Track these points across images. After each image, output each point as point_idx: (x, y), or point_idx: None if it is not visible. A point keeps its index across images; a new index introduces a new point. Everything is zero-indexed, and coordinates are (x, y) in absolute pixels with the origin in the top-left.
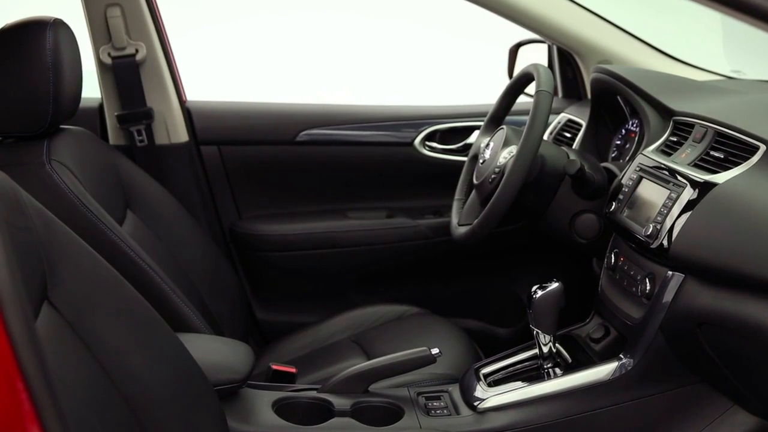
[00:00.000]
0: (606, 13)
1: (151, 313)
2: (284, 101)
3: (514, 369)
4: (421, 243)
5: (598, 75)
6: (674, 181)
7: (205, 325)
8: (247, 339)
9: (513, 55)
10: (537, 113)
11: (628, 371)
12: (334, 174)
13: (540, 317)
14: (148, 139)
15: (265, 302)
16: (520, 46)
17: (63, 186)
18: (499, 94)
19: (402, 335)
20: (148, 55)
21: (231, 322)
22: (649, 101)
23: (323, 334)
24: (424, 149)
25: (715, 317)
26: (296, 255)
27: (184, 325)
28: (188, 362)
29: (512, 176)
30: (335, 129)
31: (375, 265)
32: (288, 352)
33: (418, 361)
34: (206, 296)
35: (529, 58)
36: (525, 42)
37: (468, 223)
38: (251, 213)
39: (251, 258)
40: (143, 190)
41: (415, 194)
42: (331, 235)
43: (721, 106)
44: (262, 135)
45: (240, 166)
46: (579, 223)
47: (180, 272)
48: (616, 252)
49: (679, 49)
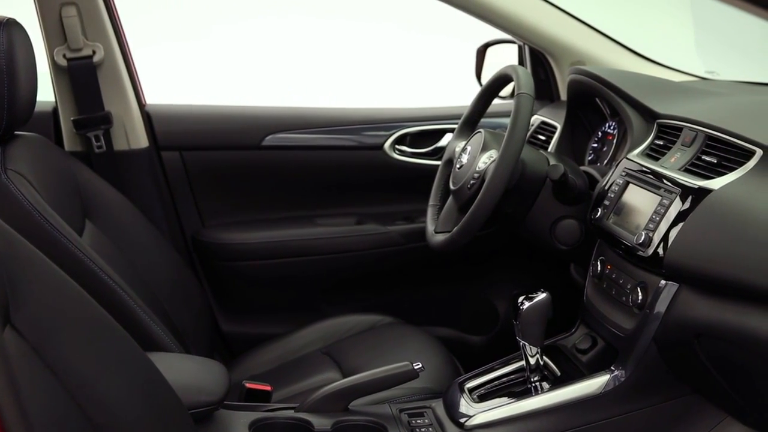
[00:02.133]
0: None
1: (121, 334)
2: (249, 104)
3: (500, 383)
4: (392, 250)
5: (576, 76)
6: (665, 187)
7: (174, 342)
8: (213, 353)
9: (481, 55)
10: (518, 117)
11: (620, 384)
12: (301, 180)
13: (527, 329)
14: (107, 144)
15: (230, 314)
16: (488, 47)
17: (20, 197)
18: (474, 97)
19: (376, 347)
20: (106, 57)
21: (195, 336)
22: (631, 103)
23: (293, 346)
24: (394, 153)
25: (714, 329)
26: (263, 264)
27: (152, 344)
28: (161, 385)
29: (494, 182)
30: (302, 133)
31: (345, 274)
32: (256, 366)
33: (401, 377)
34: (170, 309)
35: (498, 58)
36: (493, 42)
37: (446, 231)
38: (215, 221)
39: (215, 268)
40: (102, 199)
41: (386, 199)
42: (298, 243)
43: (705, 108)
44: (226, 139)
45: (203, 172)
46: (560, 229)
47: (143, 285)
48: (602, 260)
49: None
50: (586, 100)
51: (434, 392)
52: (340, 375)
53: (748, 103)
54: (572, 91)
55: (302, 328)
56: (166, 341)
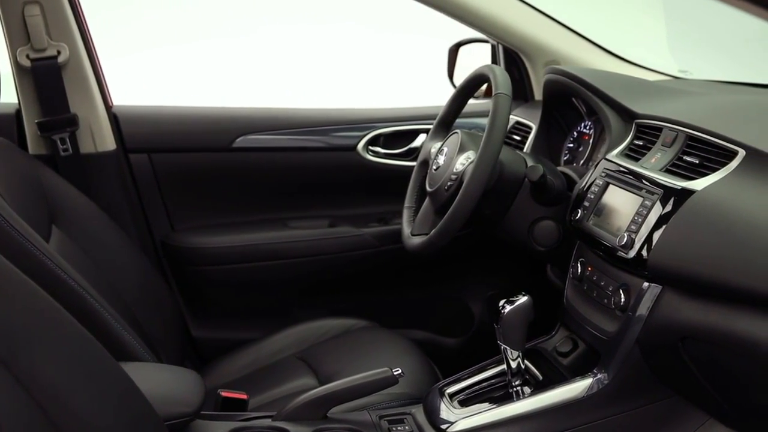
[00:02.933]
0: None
1: (92, 344)
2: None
3: (481, 388)
4: (366, 252)
5: (552, 76)
6: (647, 188)
7: (147, 351)
8: (184, 360)
9: (453, 55)
10: (496, 117)
11: (603, 387)
12: (273, 182)
13: (509, 333)
14: (73, 147)
15: (201, 320)
16: (460, 46)
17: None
18: (449, 97)
19: (351, 351)
20: (71, 57)
21: (166, 343)
22: (609, 103)
23: (266, 351)
24: (367, 154)
25: (699, 331)
26: (234, 268)
27: (125, 353)
28: (136, 397)
29: (473, 184)
30: (274, 134)
31: (318, 277)
32: (229, 373)
33: (380, 383)
34: (139, 316)
35: (470, 58)
36: (466, 41)
37: (423, 233)
38: (185, 225)
39: (186, 272)
40: (68, 204)
41: (359, 201)
42: (271, 246)
43: (684, 108)
44: (195, 141)
45: (172, 174)
46: (538, 230)
47: (112, 292)
48: (583, 261)
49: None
50: (561, 99)
51: (413, 398)
52: (315, 380)
53: (727, 103)
54: (548, 90)
55: (275, 333)
56: (138, 350)
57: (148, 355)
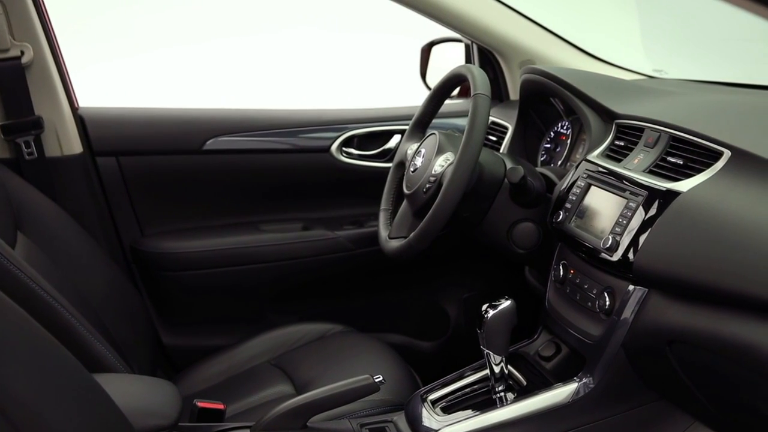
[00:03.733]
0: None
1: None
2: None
3: (463, 394)
4: (340, 256)
5: (530, 76)
6: (630, 189)
7: (120, 361)
8: (155, 368)
9: (425, 54)
10: (476, 118)
11: (589, 392)
12: (245, 184)
13: (492, 338)
14: (38, 151)
15: (172, 326)
16: (432, 46)
17: None
18: (426, 97)
19: (328, 357)
20: (36, 58)
21: (137, 351)
22: (588, 103)
23: (240, 358)
24: (341, 156)
25: (688, 335)
26: (206, 273)
27: (97, 364)
28: (111, 410)
29: (452, 186)
30: (245, 136)
31: (292, 281)
32: (202, 381)
33: (361, 391)
34: (109, 324)
35: (443, 58)
36: (439, 41)
37: (401, 236)
38: (154, 229)
39: (156, 278)
40: (34, 209)
41: (333, 204)
42: (243, 250)
43: (665, 108)
44: (165, 144)
45: (141, 178)
46: (517, 232)
47: (82, 300)
48: (564, 264)
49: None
50: (538, 99)
51: (394, 404)
52: (291, 387)
53: (708, 103)
54: (525, 90)
55: (249, 339)
56: (111, 361)
57: (121, 366)
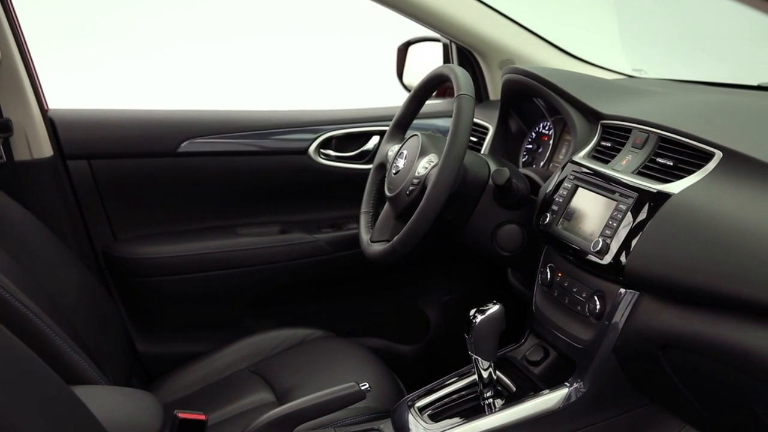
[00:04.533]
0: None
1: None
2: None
3: (451, 400)
4: (319, 259)
5: (513, 76)
6: (620, 191)
7: (97, 372)
8: (130, 377)
9: (402, 54)
10: (460, 119)
11: (579, 397)
12: (221, 187)
13: (480, 343)
14: (6, 155)
15: (147, 334)
16: (409, 45)
17: None
18: (406, 98)
19: (309, 363)
20: (4, 59)
21: (112, 360)
22: (573, 104)
23: (217, 365)
24: (319, 157)
25: (682, 339)
26: (181, 279)
27: (75, 376)
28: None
29: (437, 188)
30: (221, 138)
31: (270, 286)
32: (179, 389)
33: (347, 399)
34: (83, 332)
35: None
36: (415, 40)
37: (383, 240)
38: (128, 234)
39: (129, 284)
40: (3, 215)
41: (311, 206)
42: (219, 255)
43: (651, 108)
44: (138, 146)
45: (114, 182)
46: (501, 234)
47: (54, 308)
48: (552, 267)
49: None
50: (520, 100)
51: (379, 411)
52: (272, 395)
53: (695, 103)
54: (507, 90)
55: (226, 346)
56: (88, 372)
57: (99, 377)
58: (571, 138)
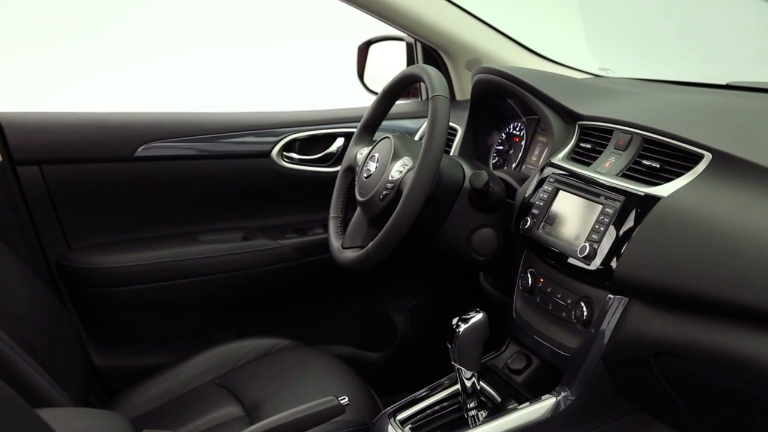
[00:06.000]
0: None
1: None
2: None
3: (433, 412)
4: (284, 266)
5: (485, 76)
6: (605, 194)
7: (62, 393)
8: (88, 394)
9: (363, 53)
10: (436, 121)
11: (567, 407)
12: (180, 193)
13: (464, 353)
14: None
15: (105, 347)
16: (370, 44)
17: None
18: (375, 99)
19: (278, 375)
20: None
21: (68, 375)
22: (549, 104)
23: (181, 378)
24: (282, 160)
25: (677, 347)
26: (139, 289)
27: (39, 398)
28: None
29: (414, 193)
30: (180, 141)
31: (233, 294)
32: (140, 404)
33: (326, 414)
34: (38, 348)
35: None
36: (376, 40)
37: (356, 246)
38: (83, 243)
39: (85, 295)
40: None
41: (275, 211)
42: (180, 263)
43: (631, 108)
44: (93, 151)
45: (67, 188)
46: (476, 239)
47: (9, 324)
48: (533, 272)
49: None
50: (490, 100)
51: (357, 425)
52: (240, 409)
53: (675, 103)
54: (478, 90)
55: (189, 358)
56: (52, 393)
57: (64, 399)
58: (548, 139)
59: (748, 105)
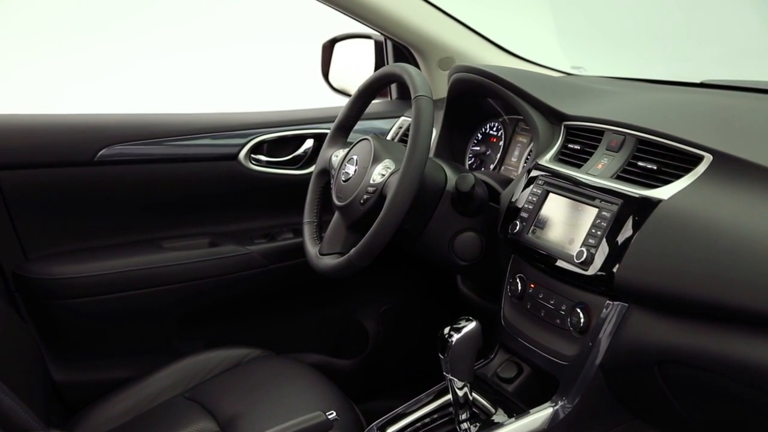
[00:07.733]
0: None
1: None
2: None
3: (424, 425)
4: (252, 273)
5: (464, 75)
6: (600, 197)
7: (32, 416)
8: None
9: (328, 51)
10: (420, 123)
11: (565, 416)
12: (143, 198)
13: (457, 363)
14: None
15: (65, 361)
16: (335, 42)
17: None
18: (349, 99)
19: (252, 387)
20: None
21: (26, 392)
22: (533, 104)
23: (147, 393)
24: (250, 163)
25: (683, 354)
26: (102, 300)
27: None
28: None
29: (399, 197)
30: (143, 144)
31: (200, 303)
32: (105, 421)
33: (314, 430)
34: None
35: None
36: (342, 37)
37: (335, 252)
38: (41, 252)
39: (44, 307)
40: None
41: (243, 216)
42: (143, 272)
43: (620, 108)
44: (51, 154)
45: (23, 194)
46: (459, 243)
47: None
48: (522, 277)
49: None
50: (467, 100)
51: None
52: (214, 424)
53: (663, 103)
54: (456, 90)
55: (156, 371)
56: (23, 417)
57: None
58: (530, 140)
59: (737, 104)
